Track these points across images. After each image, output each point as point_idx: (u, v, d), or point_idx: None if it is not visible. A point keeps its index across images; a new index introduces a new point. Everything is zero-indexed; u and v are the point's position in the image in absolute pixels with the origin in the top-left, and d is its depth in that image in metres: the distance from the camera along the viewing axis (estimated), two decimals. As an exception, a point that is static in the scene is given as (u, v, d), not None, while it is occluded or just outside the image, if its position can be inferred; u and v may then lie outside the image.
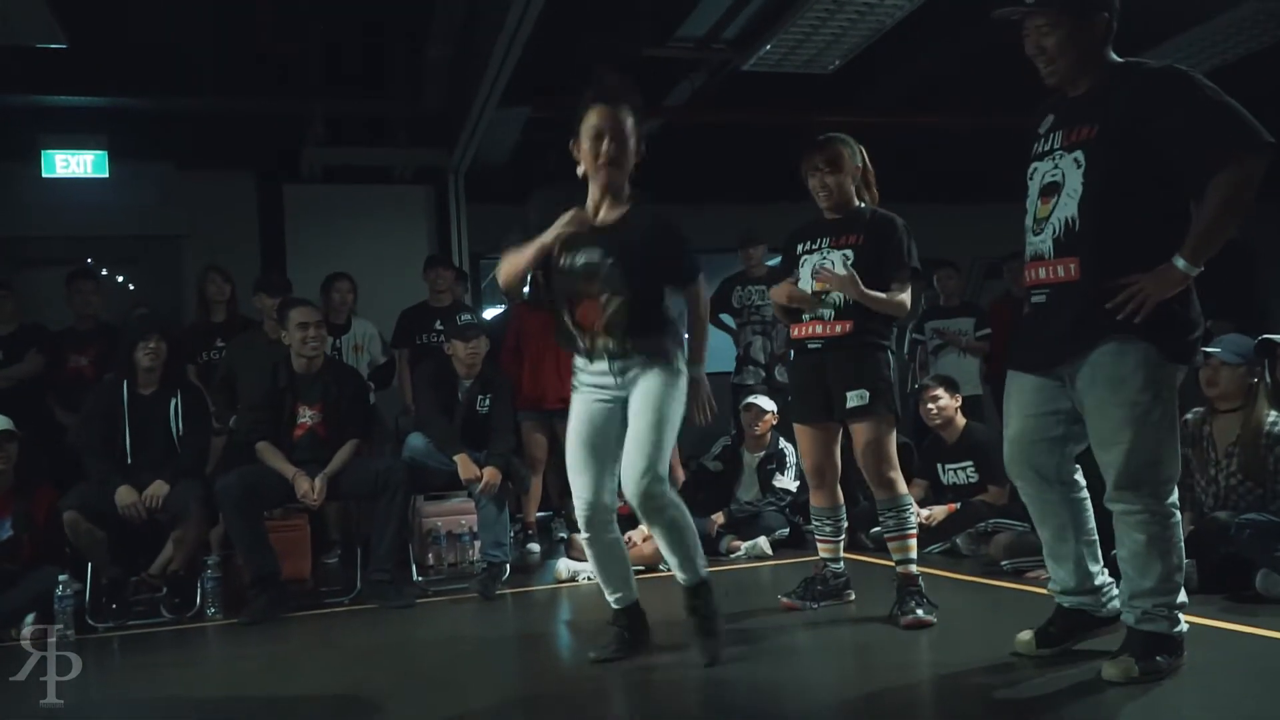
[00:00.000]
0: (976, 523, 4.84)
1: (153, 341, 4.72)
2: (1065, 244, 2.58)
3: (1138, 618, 2.61)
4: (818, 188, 3.61)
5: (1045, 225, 2.62)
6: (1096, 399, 2.56)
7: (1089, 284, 2.53)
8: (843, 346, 3.53)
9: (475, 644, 3.90)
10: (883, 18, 5.69)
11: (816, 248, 3.62)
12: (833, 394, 3.55)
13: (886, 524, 3.63)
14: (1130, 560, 2.60)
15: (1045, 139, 2.68)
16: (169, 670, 3.67)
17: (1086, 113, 2.57)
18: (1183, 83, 2.48)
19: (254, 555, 4.44)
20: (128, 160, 7.03)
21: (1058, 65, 2.59)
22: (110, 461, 4.59)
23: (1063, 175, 2.58)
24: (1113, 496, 2.60)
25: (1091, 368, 2.55)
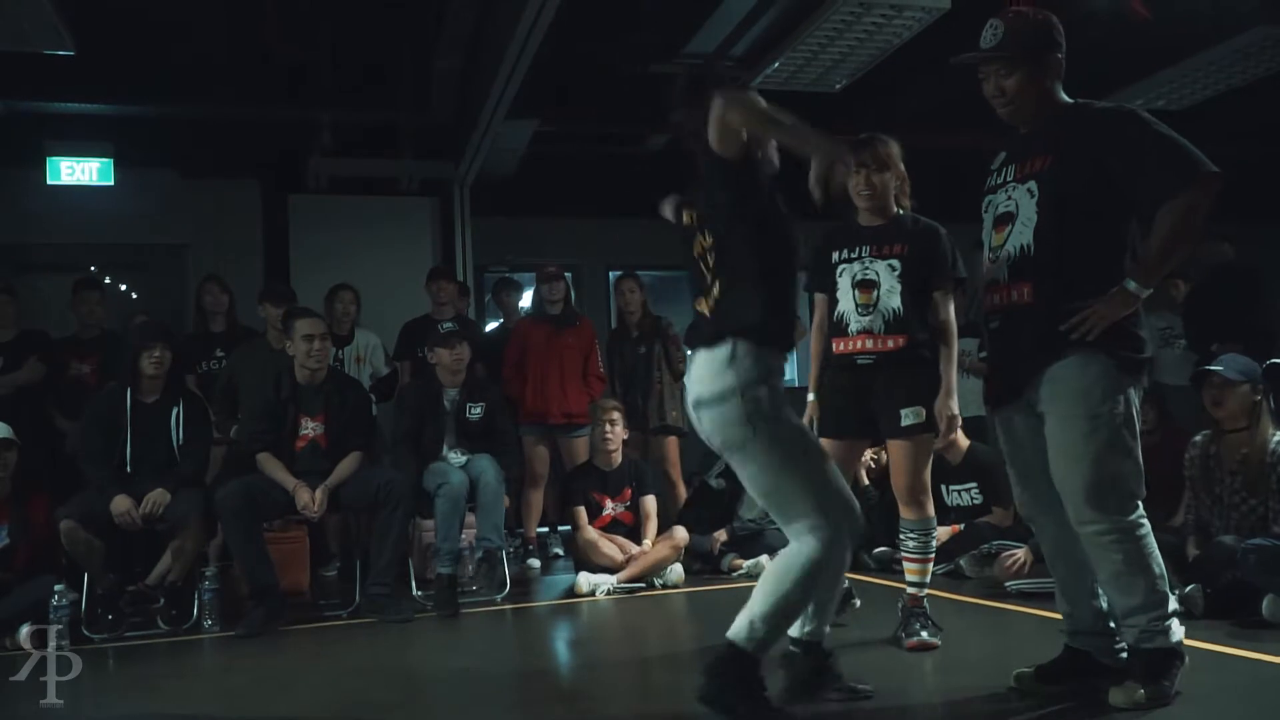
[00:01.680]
0: (980, 544, 4.80)
1: (157, 350, 4.70)
2: (1019, 268, 2.67)
3: (1137, 637, 2.60)
4: (861, 186, 3.43)
5: (1001, 252, 2.72)
6: (1059, 413, 2.59)
7: (1043, 306, 2.61)
8: (896, 362, 3.39)
9: (476, 659, 3.87)
10: (890, 38, 5.69)
11: (856, 256, 3.45)
12: (881, 411, 3.42)
13: (907, 544, 3.53)
14: (1113, 582, 2.61)
15: (998, 173, 2.80)
16: (164, 683, 3.64)
17: (1039, 147, 2.69)
18: (1133, 120, 2.62)
19: (252, 567, 4.41)
20: (133, 168, 7.02)
21: (1017, 105, 2.70)
22: (109, 469, 4.57)
23: (1016, 205, 2.69)
24: (1080, 519, 2.58)
25: (1052, 382, 2.60)
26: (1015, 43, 2.66)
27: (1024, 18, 2.70)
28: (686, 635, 4.32)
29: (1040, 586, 3.96)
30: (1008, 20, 2.68)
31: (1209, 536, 3.90)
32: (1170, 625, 2.59)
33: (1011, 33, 2.66)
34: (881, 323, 3.39)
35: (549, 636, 4.46)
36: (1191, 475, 4.05)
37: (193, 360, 5.73)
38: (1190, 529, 4.05)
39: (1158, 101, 6.74)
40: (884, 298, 3.40)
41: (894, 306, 3.38)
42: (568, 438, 5.92)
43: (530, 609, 4.86)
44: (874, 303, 3.40)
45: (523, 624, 4.63)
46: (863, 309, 3.41)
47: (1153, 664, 2.58)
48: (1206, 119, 6.93)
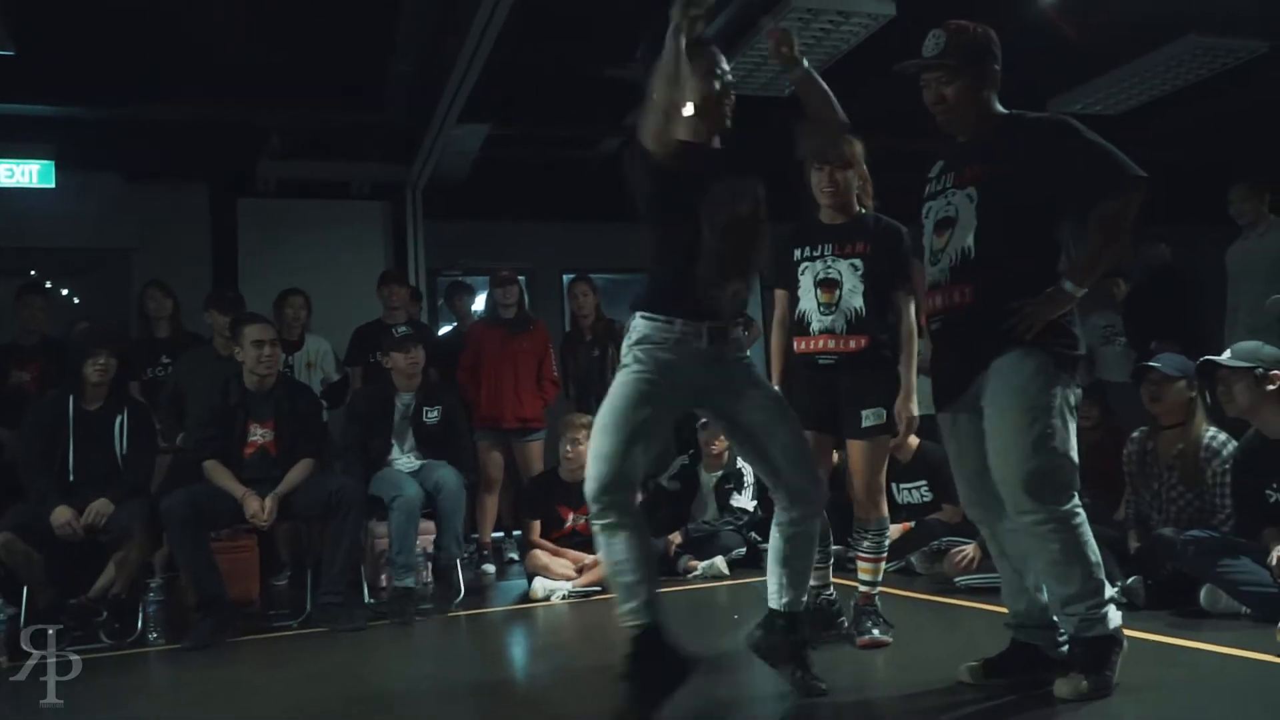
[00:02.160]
0: (930, 541, 4.87)
1: (102, 357, 4.62)
2: (960, 271, 2.74)
3: (1076, 626, 2.67)
4: (824, 183, 3.44)
5: (942, 256, 2.79)
6: (998, 405, 2.66)
7: (983, 306, 2.69)
8: (857, 363, 3.39)
9: (429, 668, 3.84)
10: (838, 43, 5.76)
11: (818, 254, 3.46)
12: (842, 410, 3.42)
13: (862, 544, 3.55)
14: (1050, 571, 2.67)
15: (937, 180, 2.88)
16: (108, 699, 3.56)
17: (977, 156, 2.77)
18: (1065, 129, 2.72)
19: (199, 577, 4.34)
20: (76, 171, 6.89)
21: (957, 113, 2.79)
22: (50, 479, 4.47)
23: (957, 210, 2.77)
24: (1018, 509, 2.64)
25: (994, 375, 2.67)
26: (957, 53, 2.75)
27: (965, 30, 2.78)
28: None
29: (988, 581, 4.02)
30: (950, 31, 2.77)
31: (1149, 529, 4.00)
32: (1108, 612, 2.66)
33: (953, 43, 2.75)
34: (844, 323, 3.39)
35: (505, 642, 4.44)
36: (1130, 470, 4.15)
37: (138, 367, 5.64)
38: (1131, 522, 4.15)
39: (1095, 107, 6.89)
40: (846, 297, 3.40)
41: (856, 306, 3.38)
42: (522, 442, 5.91)
43: (485, 615, 4.84)
44: (836, 302, 3.40)
45: (478, 630, 4.61)
46: (825, 308, 3.41)
47: (1093, 653, 2.65)
48: (1140, 124, 7.10)
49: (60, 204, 6.88)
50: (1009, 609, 2.92)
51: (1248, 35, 6.11)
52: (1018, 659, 2.86)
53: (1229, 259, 5.63)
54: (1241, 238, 5.58)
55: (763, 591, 4.11)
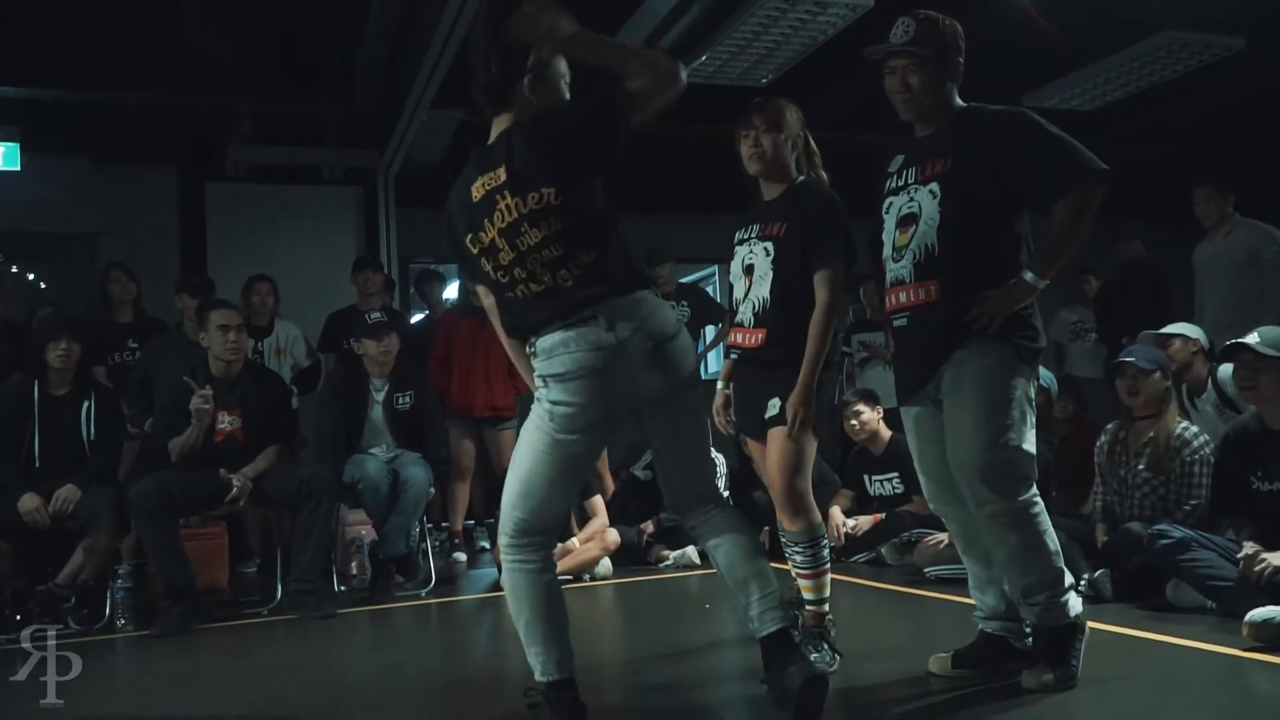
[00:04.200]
0: (901, 532, 4.91)
1: (64, 342, 4.56)
2: (925, 267, 2.74)
3: (1038, 615, 2.69)
4: (750, 149, 3.08)
5: (905, 252, 2.78)
6: (959, 397, 2.67)
7: (948, 301, 2.69)
8: (757, 361, 3.07)
9: (400, 656, 3.82)
10: (815, 33, 5.77)
11: (748, 237, 3.12)
12: (749, 407, 3.11)
13: (794, 559, 3.13)
14: (1011, 562, 2.69)
15: (898, 175, 2.86)
16: (74, 686, 3.51)
17: (939, 150, 2.77)
18: (1025, 122, 2.72)
19: (168, 564, 4.30)
20: (42, 153, 6.76)
21: (920, 102, 2.79)
22: (16, 466, 4.41)
23: (919, 206, 2.76)
24: (978, 500, 2.65)
25: (955, 367, 2.68)
26: (926, 42, 2.75)
27: (935, 20, 2.79)
28: (612, 627, 4.33)
29: (958, 572, 4.02)
30: (919, 20, 2.77)
31: (1116, 522, 4.04)
32: (1068, 600, 2.69)
33: (923, 32, 2.76)
34: (750, 315, 3.07)
35: (475, 631, 4.43)
36: (1099, 461, 4.20)
37: (103, 352, 5.57)
38: (1098, 515, 4.19)
39: (1070, 102, 6.93)
40: (756, 285, 3.06)
41: (762, 296, 3.03)
42: (493, 431, 5.88)
43: (456, 603, 4.83)
44: (747, 292, 3.08)
45: (449, 618, 4.60)
46: (742, 298, 3.11)
47: (1057, 643, 2.68)
48: (1116, 120, 7.15)
49: (25, 187, 6.76)
50: (976, 601, 2.95)
51: (1224, 32, 6.16)
52: (986, 651, 2.88)
53: (1195, 258, 5.68)
54: (1207, 238, 5.63)
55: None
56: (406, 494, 4.78)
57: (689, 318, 6.75)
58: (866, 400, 5.37)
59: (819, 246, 2.97)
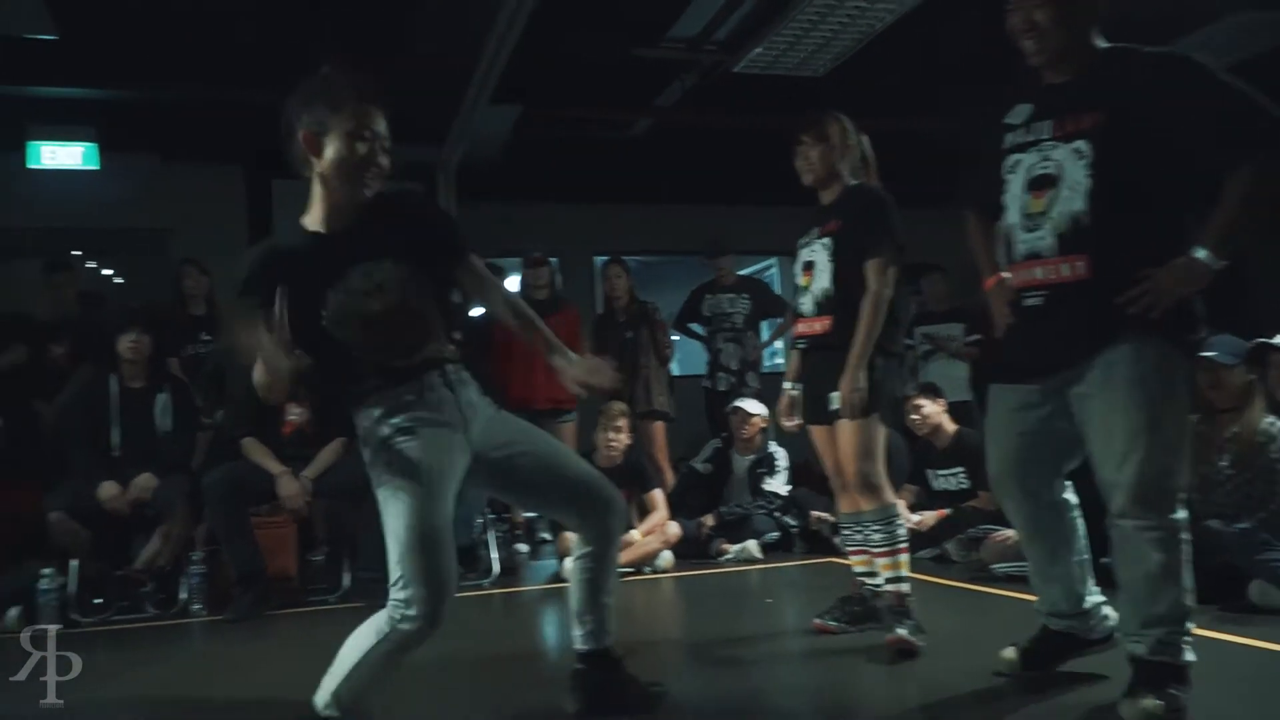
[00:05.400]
0: (967, 528, 4.85)
1: (134, 334, 4.69)
2: (1072, 240, 2.38)
3: (1150, 648, 2.38)
4: (801, 163, 3.34)
5: (1043, 221, 2.43)
6: (1109, 404, 2.34)
7: (1100, 281, 2.34)
8: (822, 347, 3.26)
9: (463, 644, 3.87)
10: (873, 21, 5.72)
11: (807, 240, 3.38)
12: (813, 394, 3.32)
13: (872, 537, 3.31)
14: (1142, 583, 2.38)
15: (1025, 129, 2.50)
16: (150, 667, 3.63)
17: (1084, 100, 2.39)
18: (1195, 69, 2.32)
19: (239, 552, 4.41)
20: (115, 152, 6.97)
21: (1048, 43, 2.43)
22: (96, 455, 4.55)
23: (1060, 167, 2.40)
24: (1124, 512, 2.37)
25: (1105, 368, 2.34)
26: None
27: None
28: (672, 619, 4.34)
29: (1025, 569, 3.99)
30: None
31: (1197, 520, 3.92)
32: (1186, 644, 2.40)
33: None
34: (812, 305, 3.30)
35: (536, 621, 4.47)
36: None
37: (177, 344, 5.71)
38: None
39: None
40: (817, 278, 3.28)
41: (824, 287, 3.25)
42: (554, 423, 5.92)
43: (518, 594, 4.88)
44: (809, 285, 3.32)
45: (511, 608, 4.65)
46: (802, 292, 3.36)
47: (1162, 674, 2.37)
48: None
49: (101, 185, 6.98)
50: (1039, 595, 2.75)
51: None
52: (1053, 646, 2.73)
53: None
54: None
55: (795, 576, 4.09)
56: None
57: (749, 310, 6.74)
58: (928, 393, 5.31)
59: (870, 237, 3.17)
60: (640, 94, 7.21)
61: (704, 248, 6.95)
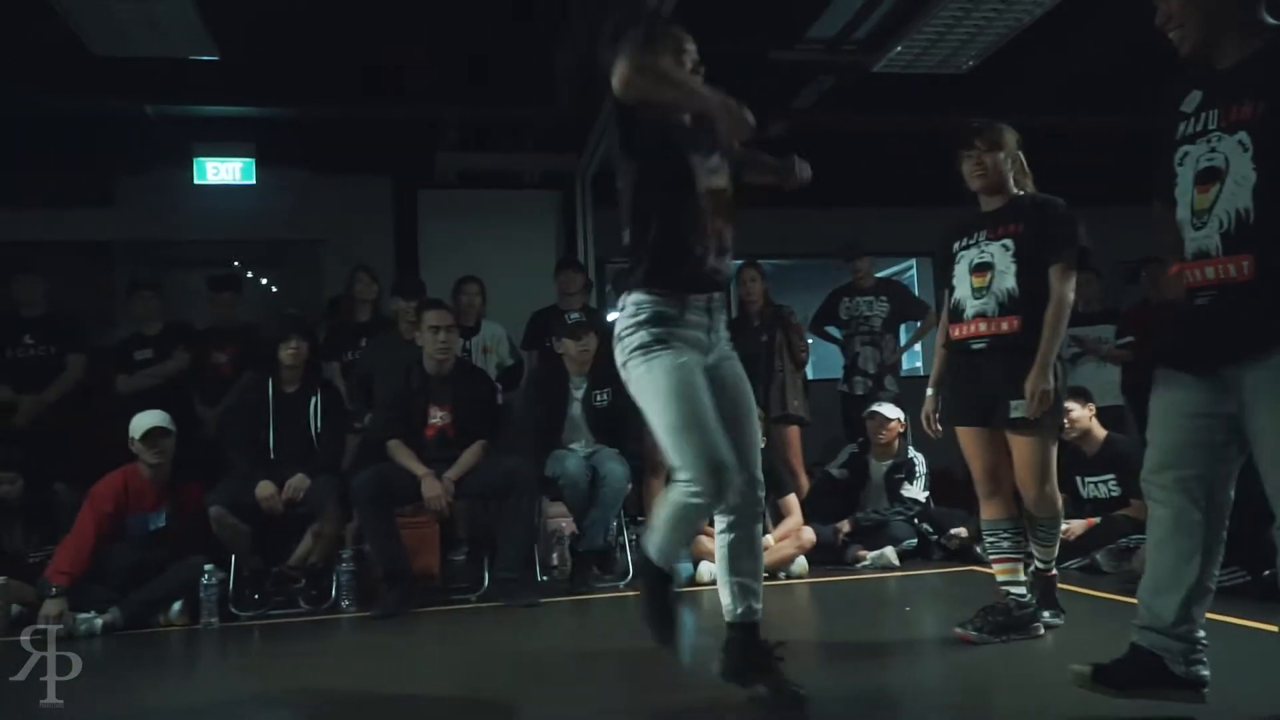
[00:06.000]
0: (1118, 538, 4.64)
1: (294, 341, 4.92)
2: (1236, 238, 2.24)
3: None
4: (973, 169, 3.36)
5: (1209, 217, 2.28)
6: (1277, 410, 2.20)
7: (1264, 282, 2.21)
8: (1009, 346, 3.26)
9: (598, 644, 3.92)
10: (1021, 15, 5.52)
11: (973, 242, 3.38)
12: (996, 399, 3.27)
13: (1036, 533, 3.48)
14: None
15: (1195, 119, 2.35)
16: (304, 659, 3.81)
17: (1244, 87, 2.25)
18: None
19: (386, 551, 4.57)
20: (272, 167, 7.34)
21: (1186, 30, 2.30)
22: (254, 456, 4.79)
23: (1225, 160, 2.25)
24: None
25: (1273, 371, 2.19)
26: None
27: None
28: (808, 626, 4.30)
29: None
30: None
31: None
32: None
33: None
34: (995, 305, 3.30)
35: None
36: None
37: (339, 349, 5.97)
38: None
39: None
40: (998, 279, 3.30)
41: (1008, 288, 3.27)
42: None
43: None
44: (988, 285, 3.31)
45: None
46: (978, 292, 3.33)
47: None
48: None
49: (258, 199, 7.36)
50: (1147, 608, 2.47)
51: None
52: (1137, 669, 2.44)
53: None
54: None
55: (935, 584, 4.01)
56: (605, 489, 4.89)
57: (888, 313, 6.61)
58: (1077, 397, 5.09)
59: (1057, 243, 3.27)
60: (777, 96, 7.15)
61: (839, 250, 6.86)
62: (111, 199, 7.56)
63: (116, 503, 4.51)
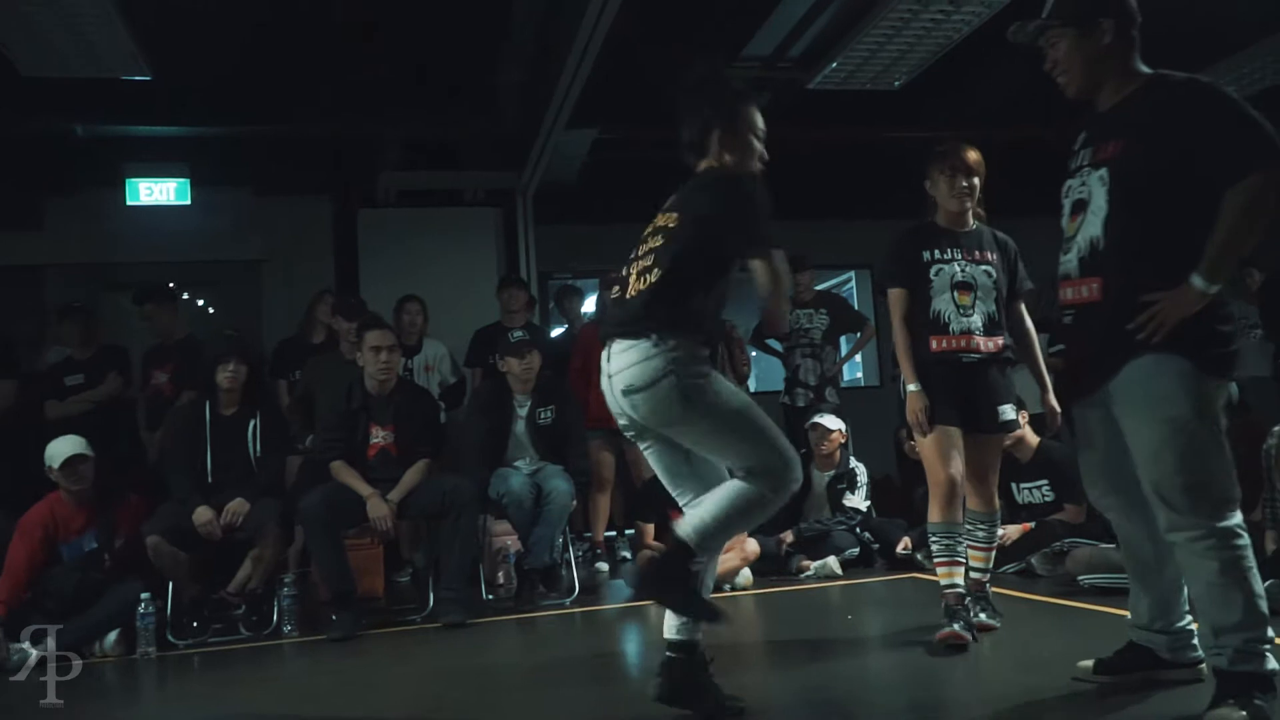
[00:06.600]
0: (1052, 542, 4.74)
1: (232, 364, 4.85)
2: (1090, 263, 2.52)
3: (1230, 659, 2.37)
4: (964, 191, 3.56)
5: (1072, 244, 2.57)
6: (1134, 419, 2.43)
7: (1112, 304, 2.45)
8: (998, 361, 3.59)
9: (547, 662, 3.92)
10: (950, 33, 5.66)
11: (949, 258, 3.55)
12: (979, 405, 3.56)
13: (976, 535, 3.68)
14: (1207, 595, 2.40)
15: (1078, 155, 2.63)
16: (246, 687, 3.75)
17: (1112, 128, 2.52)
18: (1204, 94, 2.42)
19: (334, 573, 4.52)
20: (208, 187, 7.25)
21: (1069, 75, 2.56)
22: (192, 481, 4.72)
23: (1089, 192, 2.52)
24: (1171, 526, 2.40)
25: (1125, 386, 2.44)
26: (1060, 8, 2.53)
27: None
28: (752, 637, 4.33)
29: (1115, 581, 3.90)
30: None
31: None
32: (1267, 651, 2.37)
33: (1060, 3, 2.54)
34: (981, 324, 3.53)
35: (618, 639, 4.50)
36: (1269, 467, 3.97)
37: (286, 369, 5.91)
38: (1268, 522, 3.96)
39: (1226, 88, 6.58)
40: (983, 301, 3.56)
41: (990, 311, 3.56)
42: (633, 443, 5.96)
43: (599, 612, 4.91)
44: (972, 304, 3.53)
45: (592, 626, 4.68)
46: (963, 310, 3.53)
47: (1244, 683, 2.34)
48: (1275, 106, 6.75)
49: (195, 219, 7.26)
50: (1131, 609, 2.76)
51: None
52: (1131, 658, 2.73)
53: None
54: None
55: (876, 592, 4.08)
56: (550, 506, 4.89)
57: (828, 325, 6.70)
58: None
59: (1023, 282, 3.69)
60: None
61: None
62: (42, 222, 7.41)
63: (45, 530, 4.41)
